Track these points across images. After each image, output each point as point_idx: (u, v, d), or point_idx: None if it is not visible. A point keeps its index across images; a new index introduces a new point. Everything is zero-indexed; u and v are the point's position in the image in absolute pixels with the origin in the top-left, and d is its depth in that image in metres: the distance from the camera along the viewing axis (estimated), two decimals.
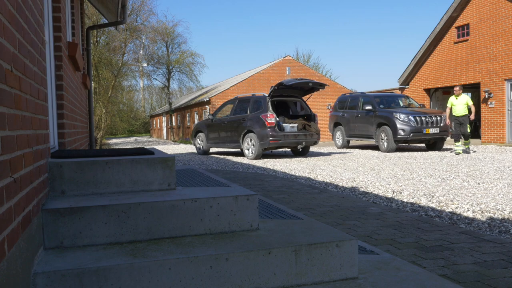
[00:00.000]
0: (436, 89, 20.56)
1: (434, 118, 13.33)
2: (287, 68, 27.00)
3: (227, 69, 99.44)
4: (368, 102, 14.68)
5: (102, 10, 9.15)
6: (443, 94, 20.49)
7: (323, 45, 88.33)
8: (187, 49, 53.24)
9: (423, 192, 5.63)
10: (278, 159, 11.69)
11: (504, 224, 3.87)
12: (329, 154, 13.36)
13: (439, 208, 4.63)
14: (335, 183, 6.70)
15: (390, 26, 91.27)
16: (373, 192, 5.82)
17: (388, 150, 13.43)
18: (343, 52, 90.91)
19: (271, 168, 9.26)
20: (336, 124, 16.45)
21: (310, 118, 12.67)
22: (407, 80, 21.54)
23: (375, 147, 15.89)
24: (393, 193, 5.67)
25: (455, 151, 11.81)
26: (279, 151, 14.88)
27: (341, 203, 5.01)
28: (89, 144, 8.15)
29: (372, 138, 14.36)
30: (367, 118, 14.51)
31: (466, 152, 11.82)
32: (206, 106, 26.66)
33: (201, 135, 14.22)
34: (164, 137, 40.74)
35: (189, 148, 19.55)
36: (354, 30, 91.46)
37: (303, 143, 11.97)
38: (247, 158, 12.04)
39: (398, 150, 14.21)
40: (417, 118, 13.16)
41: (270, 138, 11.47)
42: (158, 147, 21.94)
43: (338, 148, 16.33)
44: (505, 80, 16.37)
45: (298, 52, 52.07)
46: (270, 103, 11.90)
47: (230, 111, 13.57)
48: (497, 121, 16.70)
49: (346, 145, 16.23)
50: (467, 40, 18.06)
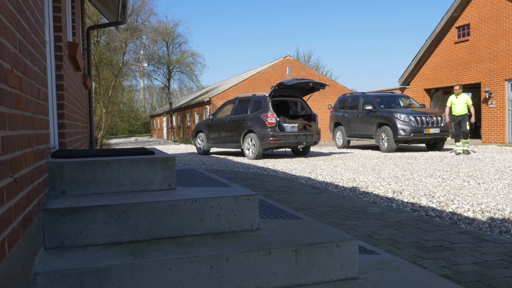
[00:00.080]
0: (437, 89, 20.55)
1: (434, 118, 13.32)
2: (287, 68, 27.00)
3: (227, 69, 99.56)
4: (369, 102, 14.68)
5: (103, 10, 9.16)
6: (444, 94, 20.48)
7: (324, 45, 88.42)
8: (187, 49, 53.29)
9: (424, 192, 5.63)
10: (278, 159, 11.69)
11: (505, 224, 3.87)
12: (329, 154, 13.36)
13: (439, 208, 4.63)
14: (335, 183, 6.70)
15: (390, 26, 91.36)
16: (373, 192, 5.81)
17: (389, 150, 13.43)
18: (344, 52, 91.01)
19: (272, 168, 9.25)
20: (336, 124, 16.45)
21: (311, 118, 12.67)
22: (407, 80, 21.54)
23: (375, 147, 15.89)
24: (393, 193, 5.66)
25: (455, 151, 11.80)
26: (279, 151, 14.87)
27: (341, 203, 5.01)
28: (89, 144, 8.15)
29: (373, 138, 14.36)
30: (368, 118, 14.50)
31: (465, 153, 11.62)
32: (207, 106, 26.67)
33: (201, 135, 14.22)
34: (165, 137, 40.75)
35: (189, 148, 19.55)
36: (354, 30, 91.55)
37: (304, 143, 11.97)
38: (248, 158, 12.04)
39: (399, 150, 14.21)
40: (417, 118, 13.15)
41: (271, 138, 11.47)
42: (159, 147, 21.95)
43: (338, 148, 16.33)
44: (505, 80, 16.36)
45: (298, 52, 52.02)
46: (270, 103, 11.89)
47: (231, 111, 13.57)
48: (497, 121, 16.69)
49: (347, 145, 16.22)
50: (467, 40, 18.06)
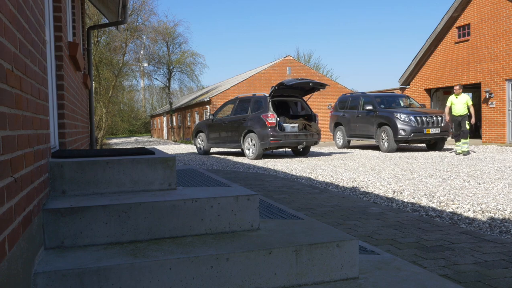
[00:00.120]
0: (437, 89, 20.55)
1: (434, 118, 13.31)
2: (287, 68, 27.00)
3: (227, 69, 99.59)
4: (369, 102, 14.67)
5: (103, 10, 9.16)
6: (444, 94, 20.47)
7: (324, 45, 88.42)
8: (187, 49, 53.36)
9: (424, 192, 5.63)
10: (278, 159, 11.69)
11: (505, 224, 3.87)
12: (329, 154, 13.35)
13: (439, 208, 4.63)
14: (335, 183, 6.70)
15: (390, 26, 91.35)
16: (373, 192, 5.81)
17: (389, 150, 13.43)
18: (344, 52, 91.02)
19: (272, 168, 9.25)
20: (336, 124, 16.45)
21: (311, 118, 12.66)
22: (407, 80, 21.53)
23: (375, 147, 15.89)
24: (393, 193, 5.66)
25: (456, 151, 11.79)
26: (279, 151, 14.87)
27: (341, 203, 5.01)
28: (89, 144, 8.15)
29: (373, 138, 14.35)
30: (368, 118, 14.50)
31: (464, 153, 11.47)
32: (207, 106, 26.67)
33: (201, 135, 14.22)
34: (165, 137, 40.75)
35: (189, 148, 19.55)
36: (354, 30, 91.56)
37: (304, 143, 11.97)
38: (248, 158, 12.04)
39: (399, 150, 14.21)
40: (417, 118, 13.14)
41: (271, 138, 11.47)
42: (159, 147, 21.95)
43: (338, 148, 16.32)
44: (506, 80, 16.36)
45: (298, 52, 51.96)
46: (270, 103, 11.89)
47: (231, 111, 13.57)
48: (497, 121, 16.69)
49: (347, 145, 16.22)
50: (468, 40, 18.05)
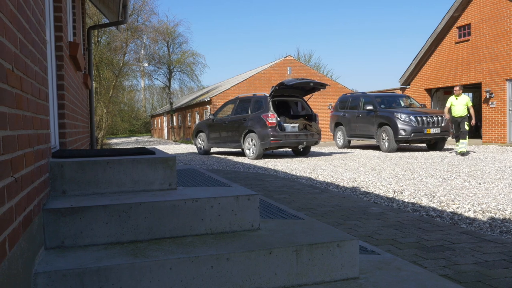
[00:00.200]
0: (437, 89, 20.54)
1: (435, 118, 13.30)
2: (288, 68, 27.00)
3: (228, 69, 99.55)
4: (369, 102, 14.67)
5: (103, 10, 9.16)
6: (444, 94, 20.46)
7: (324, 45, 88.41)
8: (188, 49, 53.46)
9: (424, 192, 5.63)
10: (279, 159, 11.69)
11: (505, 224, 3.87)
12: (330, 154, 13.35)
13: (440, 208, 4.63)
14: (336, 183, 6.70)
15: (391, 26, 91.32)
16: (374, 192, 5.81)
17: (389, 150, 13.42)
18: (344, 52, 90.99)
19: (272, 168, 9.25)
20: (337, 124, 16.45)
21: (311, 118, 12.66)
22: (408, 80, 21.53)
23: (376, 147, 15.88)
24: (394, 193, 5.66)
25: (456, 151, 11.77)
26: (280, 151, 14.87)
27: (342, 203, 5.01)
28: (90, 144, 8.16)
29: (373, 138, 14.35)
30: (368, 118, 14.50)
31: (462, 154, 11.33)
32: (207, 106, 26.67)
33: (202, 135, 14.22)
34: (165, 137, 40.76)
35: (190, 148, 19.55)
36: (355, 30, 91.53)
37: (304, 143, 11.96)
38: (248, 158, 12.04)
39: (399, 150, 14.20)
40: (418, 118, 13.14)
41: (271, 138, 11.47)
42: (159, 147, 21.95)
43: (339, 148, 16.32)
44: (506, 80, 16.35)
45: (299, 52, 52.04)
46: (271, 103, 11.89)
47: (231, 111, 13.57)
48: (498, 121, 16.68)
49: (347, 145, 16.22)
50: (468, 40, 18.04)
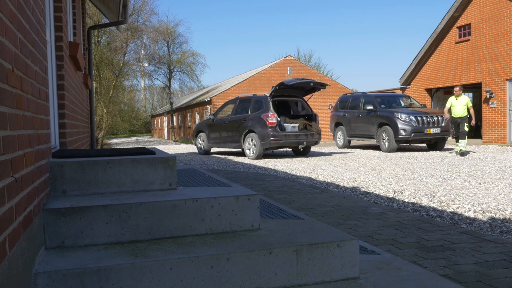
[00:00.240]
0: (438, 89, 20.54)
1: (435, 118, 13.30)
2: (288, 68, 26.99)
3: (228, 69, 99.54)
4: (369, 102, 14.67)
5: (104, 10, 9.16)
6: (445, 94, 20.46)
7: (324, 45, 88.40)
8: (188, 49, 53.46)
9: (424, 192, 5.63)
10: (279, 159, 11.69)
11: (506, 224, 3.87)
12: (330, 154, 13.35)
13: (440, 208, 4.62)
14: (336, 183, 6.70)
15: (391, 26, 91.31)
16: (374, 192, 5.81)
17: (389, 150, 13.42)
18: (344, 52, 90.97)
19: (272, 168, 9.25)
20: (337, 124, 16.44)
21: (311, 118, 12.66)
22: (408, 80, 21.52)
23: (376, 147, 15.88)
24: (394, 193, 5.66)
25: (456, 151, 11.77)
26: (280, 151, 14.87)
27: (342, 203, 5.01)
28: (90, 144, 8.16)
29: (373, 138, 14.35)
30: (368, 118, 14.49)
31: (460, 154, 11.28)
32: (207, 106, 26.67)
33: (202, 135, 14.22)
34: (165, 137, 40.76)
35: (190, 148, 19.55)
36: (355, 30, 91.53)
37: (304, 143, 11.96)
38: (248, 158, 12.04)
39: (399, 150, 14.20)
40: (418, 118, 13.13)
41: (271, 138, 11.47)
42: (159, 147, 21.96)
43: (339, 148, 16.32)
44: (506, 80, 16.35)
45: (299, 52, 52.07)
46: (271, 103, 11.89)
47: (231, 111, 13.56)
48: (498, 121, 16.68)
49: (347, 145, 16.22)
50: (468, 40, 18.04)
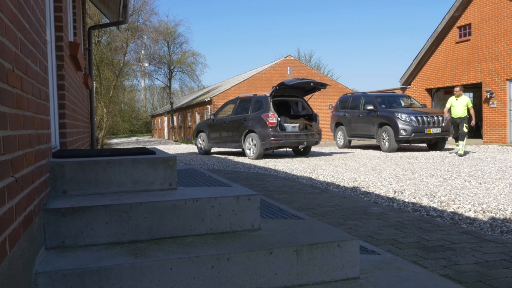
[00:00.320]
0: (438, 89, 20.53)
1: (435, 118, 13.29)
2: (288, 68, 26.99)
3: (228, 69, 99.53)
4: (370, 102, 14.66)
5: (104, 10, 9.16)
6: (445, 94, 20.46)
7: (325, 45, 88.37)
8: (188, 49, 53.49)
9: (425, 192, 5.62)
10: (279, 159, 11.69)
11: (506, 224, 3.86)
12: (330, 154, 13.35)
13: (440, 208, 4.62)
14: (336, 183, 6.70)
15: (391, 26, 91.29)
16: (374, 192, 5.81)
17: (390, 150, 13.42)
18: (345, 52, 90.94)
19: (273, 168, 9.25)
20: (337, 124, 16.44)
21: (312, 118, 12.66)
22: (408, 80, 21.52)
23: (376, 147, 15.88)
24: (394, 193, 5.66)
25: (456, 152, 11.76)
26: (280, 151, 14.87)
27: (342, 203, 5.01)
28: (90, 144, 8.16)
29: (374, 138, 14.34)
30: (369, 118, 14.49)
31: (460, 155, 11.22)
32: (208, 106, 26.67)
33: (202, 135, 14.22)
34: (166, 137, 40.76)
35: (190, 148, 19.56)
36: (355, 30, 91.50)
37: (305, 143, 11.96)
38: (249, 158, 12.04)
39: (400, 150, 14.20)
40: (418, 118, 13.13)
41: (272, 138, 11.47)
42: (160, 147, 21.96)
43: (339, 148, 16.32)
44: (507, 80, 16.34)
45: (299, 52, 52.11)
46: (271, 103, 11.89)
47: (232, 111, 13.56)
48: (499, 121, 16.67)
49: (348, 145, 16.21)
50: (469, 40, 18.04)
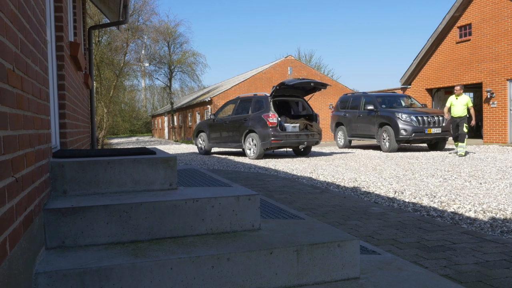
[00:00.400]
0: (438, 89, 20.53)
1: (436, 118, 13.29)
2: (289, 68, 26.99)
3: (228, 69, 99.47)
4: (370, 102, 14.66)
5: (104, 10, 9.17)
6: (445, 94, 20.45)
7: (325, 45, 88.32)
8: (189, 49, 53.50)
9: (425, 192, 5.62)
10: (279, 159, 11.69)
11: (506, 224, 3.86)
12: (330, 154, 13.35)
13: (441, 208, 4.62)
14: (336, 183, 6.70)
15: (392, 26, 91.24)
16: (375, 192, 5.81)
17: (390, 150, 13.41)
18: (345, 52, 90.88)
19: (273, 168, 9.25)
20: (338, 124, 16.44)
21: (312, 118, 12.65)
22: (409, 80, 21.51)
23: (377, 147, 15.88)
24: (395, 193, 5.66)
25: (456, 152, 11.75)
26: (280, 151, 14.87)
27: (342, 203, 5.01)
28: (90, 144, 8.16)
29: (374, 138, 14.34)
30: (369, 118, 14.49)
31: (460, 155, 11.20)
32: (208, 106, 26.67)
33: (202, 135, 14.22)
34: (166, 137, 40.77)
35: (190, 148, 19.56)
36: (355, 30, 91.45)
37: (305, 143, 11.96)
38: (249, 158, 12.04)
39: (400, 150, 14.19)
40: (419, 118, 13.12)
41: (272, 138, 11.46)
42: (160, 147, 21.96)
43: (339, 148, 16.31)
44: (507, 80, 16.33)
45: (300, 52, 52.14)
46: (272, 103, 11.89)
47: (232, 111, 13.56)
48: (499, 121, 16.66)
49: (348, 145, 16.21)
50: (469, 40, 18.03)
